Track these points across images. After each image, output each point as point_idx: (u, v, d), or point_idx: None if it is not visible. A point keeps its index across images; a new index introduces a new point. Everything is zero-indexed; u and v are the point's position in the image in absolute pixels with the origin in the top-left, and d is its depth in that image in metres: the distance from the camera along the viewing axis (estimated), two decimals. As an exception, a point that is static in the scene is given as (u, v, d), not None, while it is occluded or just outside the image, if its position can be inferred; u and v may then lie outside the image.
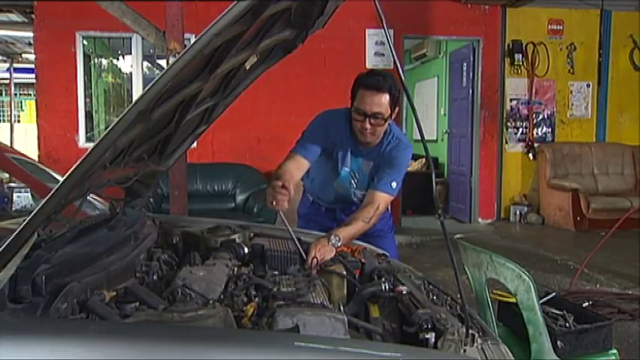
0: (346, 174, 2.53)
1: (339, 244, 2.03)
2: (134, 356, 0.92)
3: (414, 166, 8.83)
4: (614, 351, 2.06)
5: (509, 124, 7.81)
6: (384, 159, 2.42)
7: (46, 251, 1.14)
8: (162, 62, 7.90)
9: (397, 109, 2.35)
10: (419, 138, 1.28)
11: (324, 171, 2.61)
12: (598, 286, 4.63)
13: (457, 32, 7.53)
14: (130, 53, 6.88)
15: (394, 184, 2.36)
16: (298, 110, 6.75)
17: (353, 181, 2.54)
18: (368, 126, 2.30)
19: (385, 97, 2.26)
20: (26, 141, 12.29)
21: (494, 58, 7.62)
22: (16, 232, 1.04)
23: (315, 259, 1.84)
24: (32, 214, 1.05)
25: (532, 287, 1.74)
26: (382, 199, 2.34)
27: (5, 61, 11.31)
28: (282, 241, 2.01)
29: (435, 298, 1.62)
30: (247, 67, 1.77)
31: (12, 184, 2.67)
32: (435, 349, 1.23)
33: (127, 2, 4.04)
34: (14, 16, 7.39)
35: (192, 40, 1.10)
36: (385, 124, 2.34)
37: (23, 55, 10.69)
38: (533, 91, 7.78)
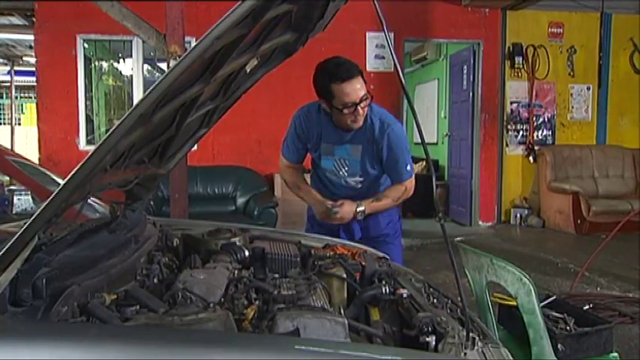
0: (330, 164, 2.57)
1: (363, 213, 2.46)
2: (134, 359, 0.92)
3: (415, 168, 8.81)
4: (615, 354, 2.06)
5: (509, 126, 7.81)
6: (380, 145, 2.46)
7: (46, 254, 1.14)
8: (163, 65, 7.92)
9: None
10: (419, 141, 1.28)
11: (318, 174, 2.66)
12: (599, 289, 4.63)
13: (457, 35, 7.55)
14: (131, 56, 6.89)
15: (408, 167, 2.53)
16: (299, 113, 6.76)
17: (343, 170, 2.57)
18: (361, 112, 2.36)
19: (359, 79, 2.32)
20: (27, 144, 12.29)
21: (494, 61, 7.63)
22: (16, 236, 1.04)
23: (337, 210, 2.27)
24: (33, 217, 1.05)
25: (532, 290, 1.74)
26: (408, 184, 2.56)
27: (6, 64, 11.33)
28: (282, 244, 2.01)
29: (435, 301, 1.62)
30: (248, 70, 1.77)
31: (12, 187, 2.67)
32: (436, 352, 1.23)
33: (126, 2, 4.05)
34: (15, 19, 7.41)
35: (193, 44, 1.10)
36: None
37: (24, 58, 10.71)
38: (534, 93, 7.79)
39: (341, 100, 2.32)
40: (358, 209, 2.45)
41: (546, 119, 7.92)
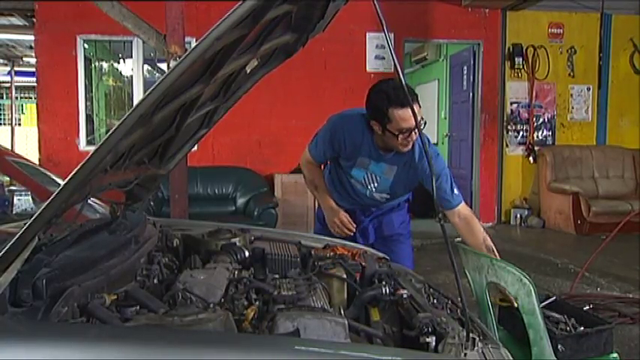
0: (361, 175, 2.53)
1: None
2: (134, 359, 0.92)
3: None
4: (615, 355, 2.06)
5: (509, 127, 7.81)
6: (420, 172, 2.42)
7: (46, 255, 1.14)
8: (163, 66, 7.92)
9: None
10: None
11: (338, 175, 2.63)
12: (599, 289, 4.63)
13: (457, 36, 7.54)
14: (131, 57, 6.89)
15: (456, 191, 2.42)
16: (299, 113, 6.76)
17: (372, 185, 2.54)
18: (414, 137, 2.29)
19: (416, 104, 2.21)
20: (27, 144, 12.29)
21: (494, 62, 7.63)
22: (17, 236, 1.04)
23: None
24: (33, 217, 1.05)
25: (533, 291, 1.74)
26: (466, 211, 2.44)
27: (6, 65, 11.33)
28: (282, 244, 2.01)
29: (435, 301, 1.62)
30: (248, 71, 1.77)
31: (12, 188, 2.66)
32: (436, 353, 1.23)
33: (126, 3, 4.05)
34: (15, 20, 7.41)
35: (193, 44, 1.10)
36: None
37: (24, 59, 10.71)
38: (534, 94, 7.78)
39: (397, 126, 2.24)
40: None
41: (546, 120, 7.92)
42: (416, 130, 2.24)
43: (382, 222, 2.67)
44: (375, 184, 2.53)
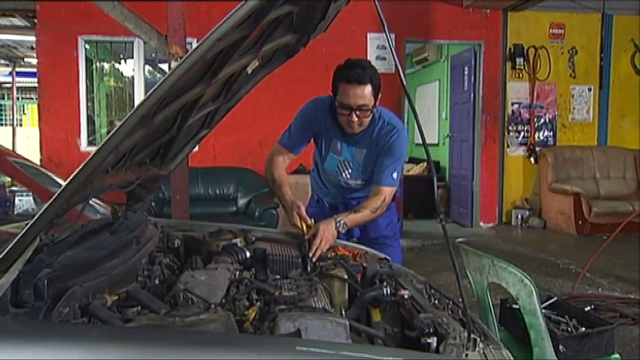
0: (333, 165, 2.56)
1: (345, 226, 2.22)
2: (136, 360, 0.92)
3: (416, 169, 8.84)
4: (617, 355, 2.06)
5: (510, 127, 7.81)
6: (380, 147, 2.45)
7: (48, 255, 1.14)
8: (164, 66, 7.92)
9: (380, 95, 2.37)
10: (420, 142, 1.28)
11: (319, 172, 2.67)
12: (600, 290, 4.62)
13: (458, 36, 7.54)
14: (132, 57, 6.90)
15: (395, 175, 2.45)
16: (300, 114, 6.75)
17: (346, 172, 2.56)
18: (355, 119, 2.34)
19: (368, 89, 2.29)
20: (28, 145, 12.30)
21: (495, 62, 7.63)
22: (18, 237, 1.04)
23: (319, 250, 1.97)
24: (34, 218, 1.05)
25: (534, 291, 1.74)
26: (387, 192, 2.44)
27: (8, 65, 11.34)
28: (283, 245, 2.01)
29: (436, 302, 1.62)
30: (249, 72, 1.78)
31: (14, 188, 2.67)
32: (437, 354, 1.23)
33: (128, 3, 4.05)
34: (17, 20, 7.42)
35: (194, 45, 1.10)
36: (371, 114, 2.37)
37: (25, 59, 10.71)
38: (535, 95, 7.78)
39: (340, 99, 2.33)
40: (339, 224, 2.20)
41: (547, 120, 7.92)
42: (357, 113, 2.31)
43: (367, 223, 2.57)
44: (349, 170, 2.56)
